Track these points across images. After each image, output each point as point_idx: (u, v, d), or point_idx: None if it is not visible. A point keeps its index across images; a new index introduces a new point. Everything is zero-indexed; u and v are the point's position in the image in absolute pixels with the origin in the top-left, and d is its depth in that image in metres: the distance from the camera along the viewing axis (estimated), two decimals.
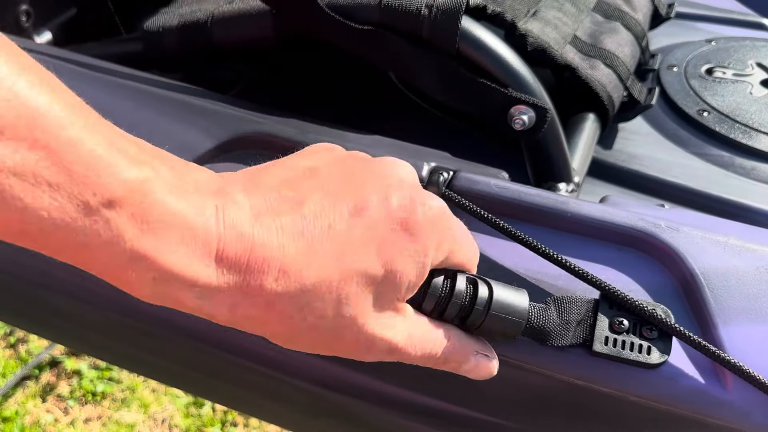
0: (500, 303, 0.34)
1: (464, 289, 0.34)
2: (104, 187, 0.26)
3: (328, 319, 0.31)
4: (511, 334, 0.35)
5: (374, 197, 0.32)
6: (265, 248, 0.29)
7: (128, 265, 0.27)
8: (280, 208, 0.31)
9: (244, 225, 0.29)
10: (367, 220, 0.31)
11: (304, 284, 0.30)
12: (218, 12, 0.56)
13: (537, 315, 0.35)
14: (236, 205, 0.30)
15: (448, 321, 0.34)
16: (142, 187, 0.27)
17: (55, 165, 0.25)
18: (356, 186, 0.32)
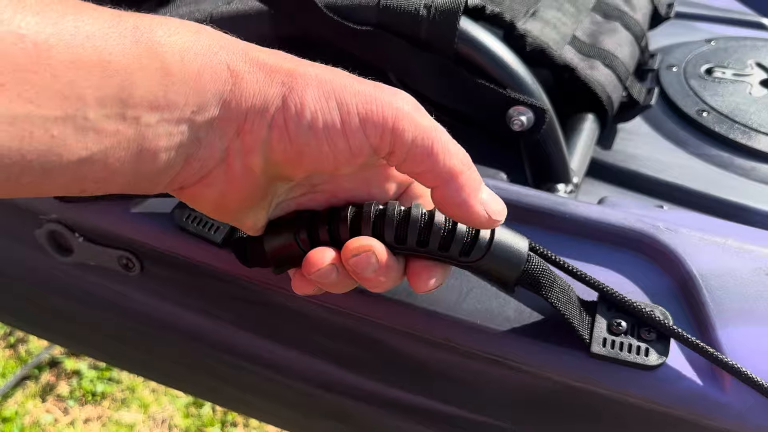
0: (500, 244, 0.33)
1: (465, 230, 0.33)
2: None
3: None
4: (507, 278, 0.34)
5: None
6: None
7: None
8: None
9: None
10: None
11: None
12: (216, 13, 0.56)
13: (535, 263, 0.34)
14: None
15: (448, 258, 0.33)
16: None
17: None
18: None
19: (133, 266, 0.47)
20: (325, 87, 0.31)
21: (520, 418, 0.41)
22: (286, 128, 0.30)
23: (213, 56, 0.29)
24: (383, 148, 0.31)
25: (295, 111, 0.30)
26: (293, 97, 0.30)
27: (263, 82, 0.30)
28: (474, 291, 0.38)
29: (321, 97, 0.31)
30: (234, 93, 0.30)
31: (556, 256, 0.37)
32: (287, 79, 0.31)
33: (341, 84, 0.31)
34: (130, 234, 0.44)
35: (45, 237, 0.48)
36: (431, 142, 0.31)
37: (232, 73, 0.30)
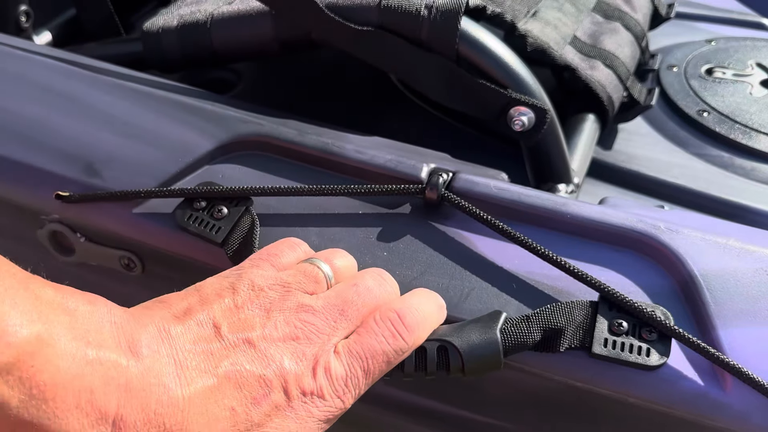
0: (472, 355, 0.34)
1: (435, 359, 0.34)
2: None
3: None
4: (494, 368, 0.35)
5: (275, 382, 0.31)
6: (170, 420, 0.29)
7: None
8: (192, 368, 0.30)
9: (150, 387, 0.28)
10: (271, 404, 0.31)
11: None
12: (218, 13, 0.56)
13: (513, 338, 0.35)
14: (142, 362, 0.29)
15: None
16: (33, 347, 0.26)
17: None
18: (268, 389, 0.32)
19: (134, 266, 0.47)
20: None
21: (521, 419, 0.41)
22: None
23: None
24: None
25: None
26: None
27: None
28: (475, 291, 0.39)
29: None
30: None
31: (558, 257, 0.37)
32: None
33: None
34: (132, 234, 0.45)
35: (47, 237, 0.48)
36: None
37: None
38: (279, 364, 0.31)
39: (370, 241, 0.41)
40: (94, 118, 0.48)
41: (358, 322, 0.34)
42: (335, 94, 0.67)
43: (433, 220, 0.42)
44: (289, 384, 0.31)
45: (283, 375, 0.31)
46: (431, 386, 0.42)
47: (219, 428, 0.30)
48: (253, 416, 0.30)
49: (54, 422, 0.26)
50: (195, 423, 0.29)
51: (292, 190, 0.42)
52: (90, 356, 0.27)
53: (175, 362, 0.30)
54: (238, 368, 0.31)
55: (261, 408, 0.31)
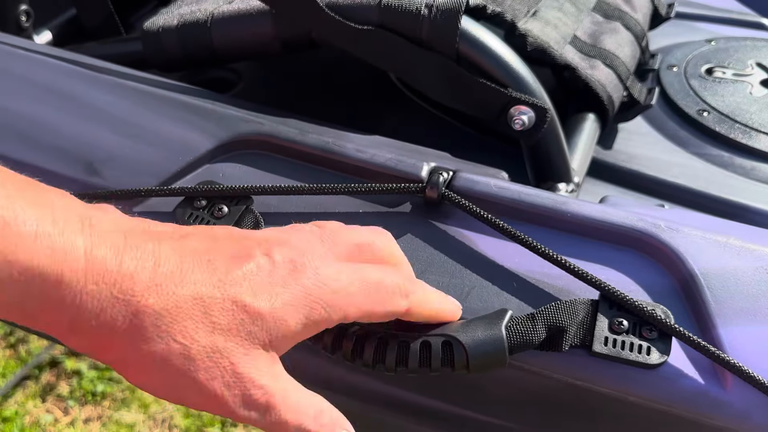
0: (477, 352, 0.34)
1: (439, 354, 0.34)
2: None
3: (200, 344, 0.28)
4: (499, 366, 0.35)
5: (258, 251, 0.31)
6: (138, 259, 0.28)
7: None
8: (153, 229, 0.31)
9: (116, 235, 0.29)
10: (250, 264, 0.30)
11: (178, 297, 0.28)
12: (218, 12, 0.56)
13: (519, 336, 0.35)
14: (106, 213, 0.30)
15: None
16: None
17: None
18: (242, 243, 0.31)
19: None
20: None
21: (521, 418, 0.41)
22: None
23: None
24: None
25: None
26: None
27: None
28: (475, 290, 0.39)
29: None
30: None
31: (558, 255, 0.37)
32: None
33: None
34: None
35: None
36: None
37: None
38: (253, 236, 0.32)
39: None
40: (94, 118, 0.48)
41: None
42: (335, 93, 0.67)
43: (434, 218, 0.42)
44: (273, 251, 0.31)
45: (263, 247, 0.31)
46: (431, 385, 0.42)
47: (192, 272, 0.29)
48: (232, 268, 0.30)
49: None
50: (164, 263, 0.29)
51: (292, 189, 0.42)
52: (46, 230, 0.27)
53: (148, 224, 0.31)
54: (213, 236, 0.31)
55: (242, 264, 0.30)
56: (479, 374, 0.39)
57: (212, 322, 0.29)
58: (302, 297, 0.30)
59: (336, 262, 0.32)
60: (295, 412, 0.31)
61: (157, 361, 0.28)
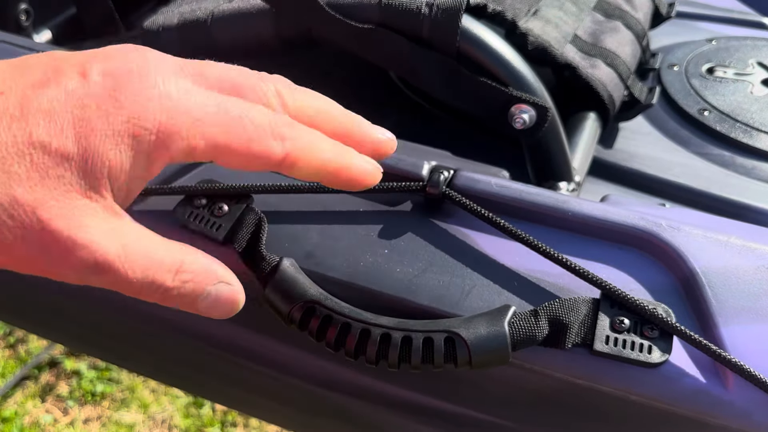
0: (480, 348, 0.34)
1: (442, 350, 0.34)
2: None
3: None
4: (502, 362, 0.35)
5: (70, 70, 0.25)
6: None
7: None
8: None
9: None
10: (53, 91, 0.24)
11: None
12: (218, 11, 0.56)
13: (522, 332, 0.35)
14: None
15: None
16: None
17: None
18: (54, 64, 0.25)
19: None
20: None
21: (522, 417, 0.41)
22: None
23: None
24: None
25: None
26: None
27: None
28: (476, 288, 0.38)
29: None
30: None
31: (559, 254, 0.37)
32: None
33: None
34: None
35: None
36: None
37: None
38: (76, 55, 0.25)
39: (371, 239, 0.41)
40: None
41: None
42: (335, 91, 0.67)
43: (434, 217, 0.42)
44: (88, 68, 0.25)
45: (81, 62, 0.25)
46: (431, 383, 0.42)
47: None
48: (30, 100, 0.24)
49: None
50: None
51: (292, 188, 0.42)
52: None
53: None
54: (15, 62, 0.25)
55: (45, 92, 0.24)
56: (480, 373, 0.39)
57: (6, 172, 0.23)
58: (125, 121, 0.24)
59: (186, 81, 0.26)
60: (144, 268, 0.26)
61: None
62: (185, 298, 0.27)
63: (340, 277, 0.40)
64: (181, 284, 0.26)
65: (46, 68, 0.25)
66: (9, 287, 0.59)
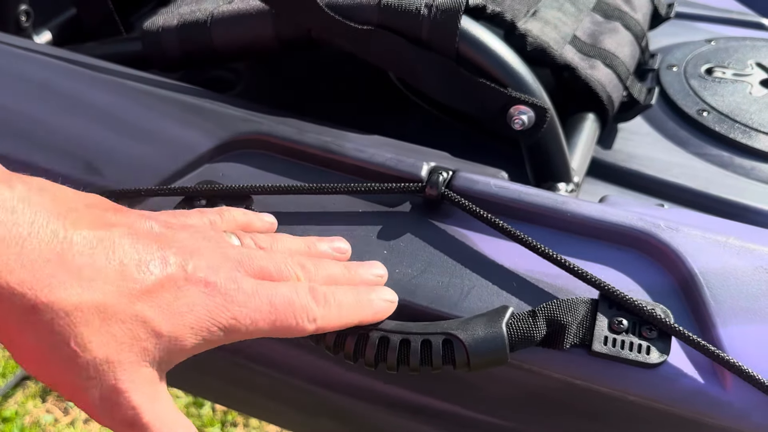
0: (478, 349, 0.34)
1: (440, 352, 0.34)
2: None
3: (91, 353, 0.28)
4: (500, 363, 0.35)
5: (172, 259, 0.30)
6: (46, 248, 0.27)
7: None
8: (82, 218, 0.29)
9: (20, 216, 0.27)
10: (160, 277, 0.29)
11: (79, 301, 0.27)
12: (218, 12, 0.56)
13: (520, 333, 0.35)
14: (14, 191, 0.28)
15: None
16: None
17: None
18: (159, 248, 0.31)
19: None
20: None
21: (521, 417, 0.41)
22: None
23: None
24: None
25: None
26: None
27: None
28: (475, 289, 0.39)
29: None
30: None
31: (558, 255, 0.37)
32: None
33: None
34: None
35: None
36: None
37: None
38: (183, 247, 0.31)
39: (370, 240, 0.41)
40: (94, 117, 0.48)
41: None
42: (335, 93, 0.67)
43: (433, 218, 0.42)
44: (188, 267, 0.30)
45: (184, 256, 0.30)
46: (429, 384, 0.42)
47: (102, 276, 0.28)
48: (142, 278, 0.29)
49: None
50: (76, 259, 0.28)
51: (291, 189, 0.42)
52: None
53: (58, 205, 0.29)
54: (138, 234, 0.30)
55: (152, 274, 0.29)
56: (479, 374, 0.39)
57: (109, 333, 0.28)
58: (205, 320, 0.30)
59: (246, 280, 0.32)
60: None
61: (41, 362, 0.28)
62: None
63: None
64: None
65: (154, 252, 0.30)
66: None
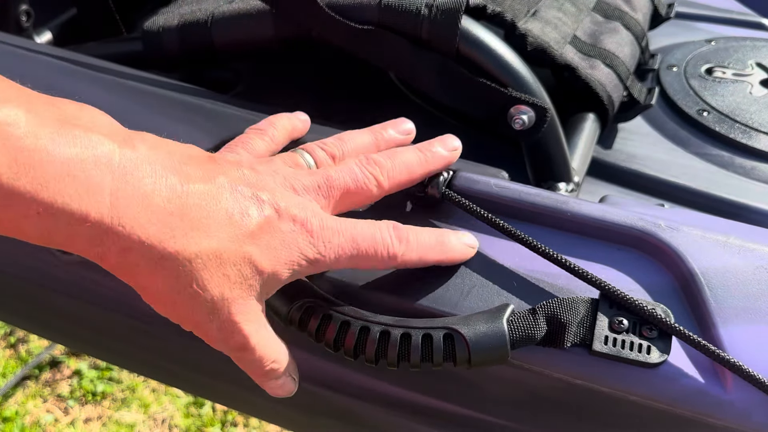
0: (479, 345, 0.34)
1: (441, 347, 0.34)
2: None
3: (210, 293, 0.32)
4: (501, 360, 0.35)
5: (268, 204, 0.34)
6: (168, 203, 0.31)
7: (5, 203, 0.28)
8: (191, 172, 0.33)
9: (144, 173, 0.31)
10: (261, 221, 0.33)
11: (199, 249, 0.31)
12: (218, 12, 0.56)
13: (520, 330, 0.35)
14: (137, 151, 0.31)
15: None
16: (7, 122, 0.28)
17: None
18: (256, 194, 0.34)
19: None
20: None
21: (521, 417, 0.41)
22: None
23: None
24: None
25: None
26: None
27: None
28: (476, 288, 0.39)
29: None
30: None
31: (558, 255, 0.37)
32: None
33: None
34: None
35: None
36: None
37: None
38: (272, 189, 0.35)
39: None
40: None
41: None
42: (335, 93, 0.67)
43: (434, 218, 0.42)
44: (280, 208, 0.34)
45: (275, 198, 0.34)
46: (429, 383, 0.42)
47: (215, 225, 0.32)
48: (246, 223, 0.33)
49: (44, 189, 0.28)
50: (192, 211, 0.31)
51: None
52: (78, 136, 0.29)
53: (172, 160, 0.32)
54: (235, 182, 0.34)
55: (253, 219, 0.33)
56: (480, 373, 0.39)
57: (224, 274, 0.32)
58: (296, 255, 0.34)
59: (328, 218, 0.35)
60: (263, 357, 0.35)
61: (168, 302, 0.33)
62: (264, 377, 0.37)
63: (339, 277, 0.40)
64: (269, 371, 0.36)
65: (251, 195, 0.34)
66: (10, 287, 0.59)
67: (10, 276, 0.57)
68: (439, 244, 0.38)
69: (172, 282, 0.31)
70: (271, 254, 0.33)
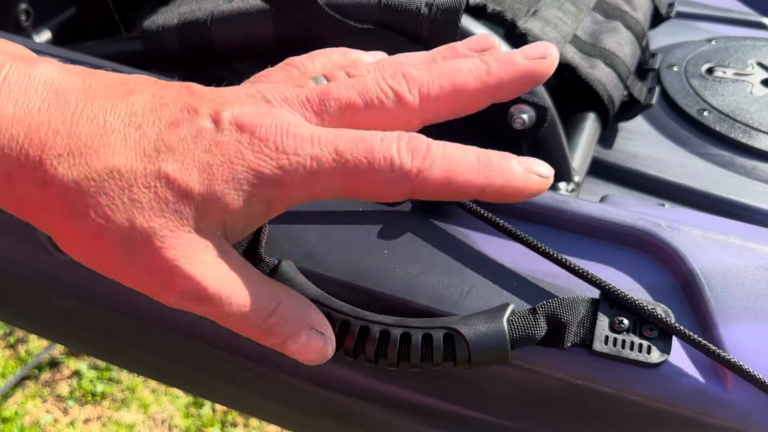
0: (479, 345, 0.34)
1: (441, 347, 0.34)
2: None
3: (116, 223, 0.25)
4: (501, 360, 0.35)
5: (204, 113, 0.27)
6: (54, 119, 0.25)
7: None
8: (94, 87, 0.26)
9: (32, 90, 0.25)
10: (186, 131, 0.26)
11: (90, 170, 0.25)
12: (218, 11, 0.56)
13: (520, 330, 0.35)
14: (33, 68, 0.26)
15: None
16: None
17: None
18: (190, 103, 0.27)
19: None
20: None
21: (521, 417, 0.41)
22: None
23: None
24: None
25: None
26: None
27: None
28: (476, 288, 0.39)
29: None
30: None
31: (558, 254, 0.37)
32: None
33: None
34: None
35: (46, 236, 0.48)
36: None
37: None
38: (222, 102, 0.27)
39: (370, 239, 0.41)
40: None
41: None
42: None
43: (434, 218, 0.42)
44: (222, 117, 0.26)
45: (216, 106, 0.27)
46: (429, 383, 0.42)
47: (117, 141, 0.25)
48: (163, 137, 0.26)
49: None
50: (85, 128, 0.25)
51: None
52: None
53: (84, 80, 0.27)
54: (163, 98, 0.27)
55: (174, 131, 0.26)
56: (480, 373, 0.39)
57: (130, 199, 0.25)
58: (244, 172, 0.26)
59: (302, 124, 0.27)
60: (240, 305, 0.27)
61: (72, 239, 0.27)
62: (275, 339, 0.29)
63: (339, 277, 0.40)
64: (272, 325, 0.28)
65: (182, 107, 0.27)
66: (9, 287, 0.59)
67: (10, 276, 0.57)
68: (483, 163, 0.28)
69: (66, 213, 0.25)
70: (203, 172, 0.25)
